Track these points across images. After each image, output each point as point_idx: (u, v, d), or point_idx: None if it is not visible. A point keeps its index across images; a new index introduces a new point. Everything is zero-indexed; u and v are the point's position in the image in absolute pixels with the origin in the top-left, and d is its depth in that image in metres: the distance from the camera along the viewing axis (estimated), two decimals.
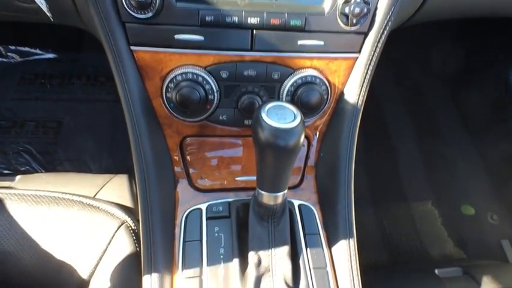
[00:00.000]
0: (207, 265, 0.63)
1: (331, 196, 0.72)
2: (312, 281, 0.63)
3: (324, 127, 0.77)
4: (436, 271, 1.18)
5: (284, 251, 0.63)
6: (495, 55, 1.60)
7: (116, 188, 1.07)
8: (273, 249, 0.62)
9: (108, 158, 1.52)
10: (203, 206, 0.69)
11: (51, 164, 1.51)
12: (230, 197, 0.71)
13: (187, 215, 0.68)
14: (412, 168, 1.66)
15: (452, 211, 1.57)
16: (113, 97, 1.68)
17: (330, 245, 0.69)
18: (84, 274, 0.81)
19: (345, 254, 0.67)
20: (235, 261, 0.62)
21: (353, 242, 0.68)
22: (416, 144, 1.73)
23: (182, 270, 0.63)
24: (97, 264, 0.82)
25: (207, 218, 0.68)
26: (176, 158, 0.73)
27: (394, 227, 1.49)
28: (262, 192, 0.59)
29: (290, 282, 0.61)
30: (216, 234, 0.66)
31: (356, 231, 0.71)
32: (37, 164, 1.51)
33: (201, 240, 0.65)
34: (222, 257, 0.64)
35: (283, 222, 0.64)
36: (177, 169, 0.73)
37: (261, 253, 0.62)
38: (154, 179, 0.67)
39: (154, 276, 0.61)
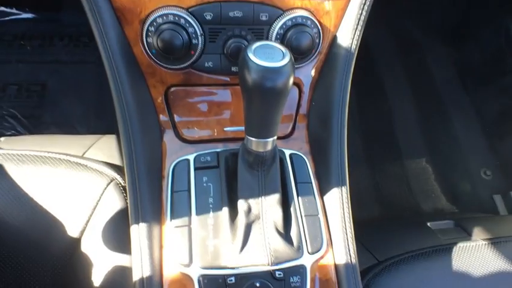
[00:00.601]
0: (196, 214, 0.61)
1: (323, 145, 0.70)
2: (304, 227, 0.62)
3: (315, 74, 0.73)
4: (429, 224, 1.19)
5: (274, 198, 0.61)
6: (497, 6, 1.53)
7: (104, 148, 1.05)
8: (263, 197, 0.61)
9: (96, 120, 1.48)
10: (191, 157, 0.67)
11: (37, 128, 1.47)
12: (219, 148, 0.69)
13: (175, 165, 0.66)
14: (407, 125, 1.64)
15: (446, 168, 1.58)
16: (98, 58, 1.61)
17: (322, 193, 0.68)
18: (74, 232, 0.80)
19: (337, 202, 0.66)
20: (225, 210, 0.61)
21: (345, 190, 0.67)
22: (412, 101, 1.70)
23: (171, 220, 0.61)
24: (87, 222, 0.81)
25: (195, 169, 0.65)
26: (161, 108, 0.70)
27: (387, 184, 1.49)
28: (251, 138, 0.57)
29: (281, 229, 0.60)
30: (205, 184, 0.64)
31: (349, 187, 0.70)
32: (23, 128, 1.47)
33: (189, 191, 0.63)
34: (211, 206, 0.62)
35: (273, 170, 0.62)
36: (162, 118, 0.70)
37: (251, 201, 0.60)
38: (138, 130, 0.64)
39: (142, 226, 0.59)
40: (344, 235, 0.64)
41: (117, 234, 0.78)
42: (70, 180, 0.84)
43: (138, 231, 0.59)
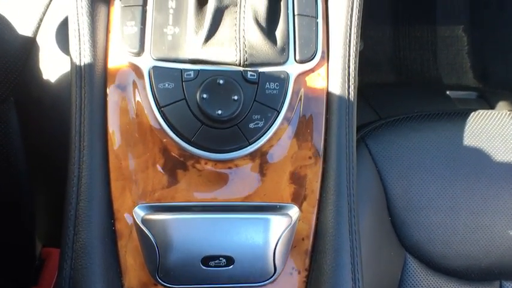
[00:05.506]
0: None
1: None
2: (294, 28, 0.47)
3: None
4: (448, 92, 1.04)
5: None
6: None
7: None
8: None
9: None
10: None
11: None
12: None
13: None
14: None
15: (484, 40, 1.34)
16: None
17: None
18: (27, 30, 0.68)
19: (344, 4, 0.49)
20: None
21: None
22: None
23: None
24: (40, 20, 0.68)
25: None
26: None
27: (411, 49, 1.28)
28: None
29: (263, 22, 0.45)
30: None
31: (366, 47, 0.52)
32: None
33: None
34: None
35: None
36: None
37: None
38: None
39: (83, 4, 0.45)
40: (346, 50, 0.50)
41: None
42: None
43: (76, 6, 0.45)
